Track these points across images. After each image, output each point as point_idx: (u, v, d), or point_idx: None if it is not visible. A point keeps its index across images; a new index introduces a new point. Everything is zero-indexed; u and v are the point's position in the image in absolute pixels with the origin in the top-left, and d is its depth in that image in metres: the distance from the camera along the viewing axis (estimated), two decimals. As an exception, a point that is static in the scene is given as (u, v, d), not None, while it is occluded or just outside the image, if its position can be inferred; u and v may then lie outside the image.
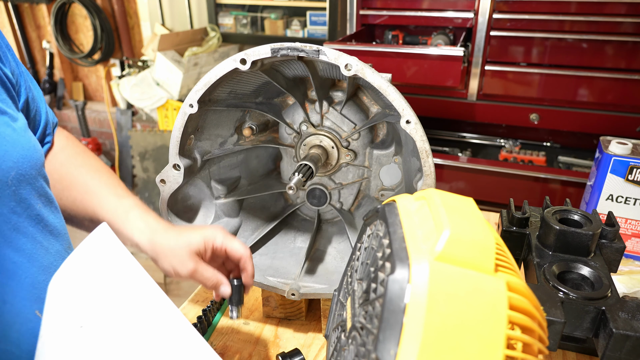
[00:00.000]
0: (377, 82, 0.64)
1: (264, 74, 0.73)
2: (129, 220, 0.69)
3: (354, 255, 0.54)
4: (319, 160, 0.81)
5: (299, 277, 0.82)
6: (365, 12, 2.05)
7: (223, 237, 0.69)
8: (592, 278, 0.66)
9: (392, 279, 0.36)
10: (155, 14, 3.39)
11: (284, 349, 0.80)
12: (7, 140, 0.58)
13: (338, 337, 0.50)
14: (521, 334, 0.37)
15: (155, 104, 3.14)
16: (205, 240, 0.68)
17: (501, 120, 2.03)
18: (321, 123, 0.85)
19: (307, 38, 3.14)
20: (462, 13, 1.89)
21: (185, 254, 0.66)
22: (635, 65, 1.73)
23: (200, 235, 0.68)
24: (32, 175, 0.62)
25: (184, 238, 0.68)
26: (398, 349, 0.33)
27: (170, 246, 0.67)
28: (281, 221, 0.93)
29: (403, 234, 0.41)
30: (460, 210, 0.42)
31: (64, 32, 3.57)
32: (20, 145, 0.60)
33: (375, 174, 0.87)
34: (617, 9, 1.67)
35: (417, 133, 0.65)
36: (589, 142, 2.03)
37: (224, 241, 0.69)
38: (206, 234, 0.69)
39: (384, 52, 1.80)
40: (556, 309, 0.55)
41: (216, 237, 0.69)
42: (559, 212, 0.75)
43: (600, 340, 0.59)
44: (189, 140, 0.78)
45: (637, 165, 0.94)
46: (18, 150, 0.60)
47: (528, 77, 1.87)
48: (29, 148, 0.62)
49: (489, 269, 0.37)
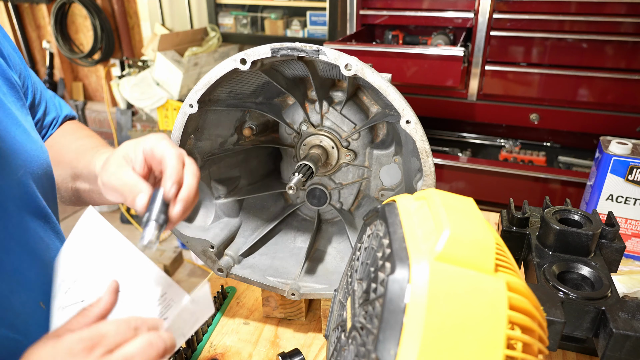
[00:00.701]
0: (377, 82, 0.64)
1: (264, 74, 0.73)
2: (96, 157, 0.67)
3: (354, 255, 0.54)
4: (319, 160, 0.81)
5: (299, 277, 0.82)
6: (365, 12, 2.05)
7: (157, 139, 0.58)
8: (592, 278, 0.66)
9: (392, 279, 0.36)
10: (155, 14, 3.39)
11: (284, 349, 0.80)
12: (16, 140, 0.61)
13: (338, 337, 0.50)
14: (521, 334, 0.37)
15: (155, 104, 3.14)
16: (136, 143, 0.59)
17: (501, 120, 2.03)
18: (321, 123, 0.85)
19: (307, 38, 3.14)
20: (462, 13, 1.89)
21: (114, 160, 0.58)
22: (635, 65, 1.73)
23: (134, 141, 0.60)
24: (38, 175, 0.64)
25: (120, 147, 0.60)
26: (398, 349, 0.33)
27: (107, 159, 0.60)
28: (281, 221, 0.93)
29: (403, 234, 0.41)
30: (460, 210, 0.42)
31: (64, 32, 3.57)
32: (28, 145, 0.63)
33: (375, 174, 0.87)
34: (617, 9, 1.67)
35: (417, 133, 0.65)
36: (589, 142, 2.03)
37: (153, 143, 0.57)
38: (141, 139, 0.59)
39: (384, 52, 1.80)
40: (556, 309, 0.55)
41: (148, 141, 0.58)
42: (559, 212, 0.75)
43: (600, 340, 0.59)
44: (189, 140, 0.78)
45: (637, 165, 0.94)
46: (26, 150, 0.62)
47: (528, 77, 1.87)
48: (36, 149, 0.65)
49: (489, 269, 0.37)
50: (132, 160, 0.57)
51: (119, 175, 0.55)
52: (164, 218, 0.52)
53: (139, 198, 0.53)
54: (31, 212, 0.63)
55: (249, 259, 0.87)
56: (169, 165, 0.54)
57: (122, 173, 0.55)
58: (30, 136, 0.65)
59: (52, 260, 0.65)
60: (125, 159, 0.57)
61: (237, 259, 0.85)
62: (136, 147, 0.58)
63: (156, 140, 0.58)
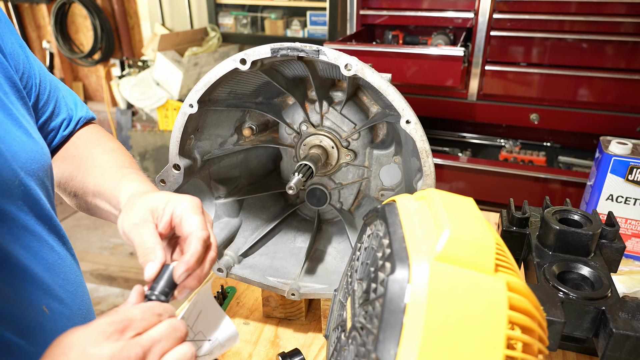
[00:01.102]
0: (377, 82, 0.64)
1: (264, 74, 0.73)
2: (122, 183, 0.65)
3: (354, 255, 0.54)
4: (319, 160, 0.81)
5: (299, 277, 0.82)
6: (365, 12, 2.05)
7: (190, 207, 0.55)
8: (592, 278, 0.66)
9: (392, 279, 0.36)
10: (155, 14, 3.39)
11: (284, 349, 0.80)
12: (17, 141, 0.60)
13: (338, 337, 0.50)
14: (521, 334, 0.37)
15: (155, 104, 3.14)
16: (167, 201, 0.56)
17: (501, 120, 2.03)
18: (321, 123, 0.85)
19: (307, 38, 3.15)
20: (462, 13, 1.89)
21: (139, 211, 0.56)
22: (635, 65, 1.73)
23: (167, 196, 0.57)
24: (40, 177, 0.64)
25: (151, 195, 0.58)
26: (398, 349, 0.33)
27: (133, 200, 0.59)
28: (281, 221, 0.93)
29: (403, 234, 0.41)
30: (460, 210, 0.42)
31: (64, 32, 3.57)
32: (29, 146, 0.62)
33: (375, 174, 0.87)
34: (617, 9, 1.67)
35: (417, 133, 0.65)
36: (589, 142, 2.03)
37: (184, 211, 0.55)
38: (175, 197, 0.57)
39: (384, 52, 1.80)
40: (556, 309, 0.55)
41: (180, 204, 0.56)
42: (559, 212, 0.75)
43: (600, 340, 0.59)
44: (189, 140, 0.78)
45: (637, 165, 0.94)
46: (27, 152, 0.62)
47: (528, 77, 1.87)
48: (37, 149, 0.64)
49: (489, 269, 0.37)
50: (159, 218, 0.56)
51: (140, 230, 0.54)
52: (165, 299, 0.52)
53: (149, 267, 0.52)
54: (34, 214, 0.62)
55: (249, 259, 0.87)
56: (192, 250, 0.53)
57: (143, 229, 0.54)
58: (32, 137, 0.64)
59: (56, 262, 0.65)
60: (152, 213, 0.56)
61: (237, 259, 0.85)
62: (167, 206, 0.56)
63: (188, 211, 0.55)
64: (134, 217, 0.55)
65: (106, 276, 2.73)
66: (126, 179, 0.66)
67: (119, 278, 2.71)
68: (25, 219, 0.61)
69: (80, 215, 3.39)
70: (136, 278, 2.68)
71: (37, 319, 0.61)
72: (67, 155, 0.76)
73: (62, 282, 0.66)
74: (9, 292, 0.58)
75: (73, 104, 0.80)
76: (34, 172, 0.62)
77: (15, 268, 0.59)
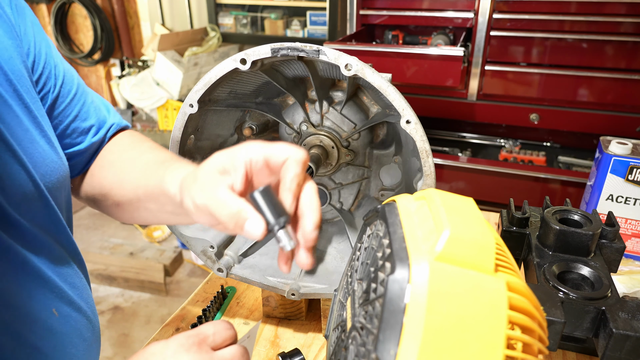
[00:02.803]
0: (377, 82, 0.64)
1: (264, 74, 0.73)
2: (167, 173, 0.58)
3: (354, 255, 0.54)
4: (319, 160, 0.81)
5: (299, 277, 0.82)
6: (365, 12, 2.05)
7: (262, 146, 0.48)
8: (592, 278, 0.66)
9: (392, 279, 0.36)
10: (155, 14, 3.39)
11: (284, 349, 0.80)
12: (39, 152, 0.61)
13: (338, 337, 0.50)
14: (521, 334, 0.37)
15: (155, 104, 3.14)
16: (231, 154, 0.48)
17: (501, 120, 2.03)
18: (321, 123, 0.85)
19: (307, 38, 3.15)
20: (462, 13, 1.89)
21: (206, 176, 0.48)
22: (635, 65, 1.73)
23: (230, 152, 0.49)
24: (57, 187, 0.64)
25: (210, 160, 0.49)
26: (398, 349, 0.33)
27: (192, 173, 0.51)
28: (281, 221, 0.93)
29: (403, 234, 0.41)
30: (460, 210, 0.42)
31: (64, 32, 3.57)
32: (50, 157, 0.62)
33: (375, 174, 0.87)
34: (617, 9, 1.67)
35: (417, 133, 0.65)
36: (589, 142, 2.03)
37: (262, 149, 0.47)
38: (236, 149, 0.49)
39: (384, 52, 1.80)
40: (556, 309, 0.55)
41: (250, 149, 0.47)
42: (559, 212, 0.75)
43: (600, 340, 0.59)
44: (189, 140, 0.78)
45: (637, 165, 0.94)
46: (48, 163, 0.62)
47: (528, 77, 1.87)
48: (57, 161, 0.64)
49: (489, 269, 0.37)
50: (231, 175, 0.47)
51: (218, 197, 0.45)
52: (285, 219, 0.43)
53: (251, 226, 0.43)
54: (48, 225, 0.63)
55: (249, 259, 0.87)
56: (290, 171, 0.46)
57: (220, 195, 0.45)
58: (54, 146, 0.63)
59: (64, 268, 0.67)
60: (221, 172, 0.47)
61: (237, 259, 0.85)
62: (234, 157, 0.48)
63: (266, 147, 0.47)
64: (203, 187, 0.47)
65: (106, 276, 2.73)
66: (172, 169, 0.58)
67: (119, 278, 2.71)
68: (39, 230, 0.62)
69: (80, 215, 3.39)
70: (136, 278, 2.68)
71: (48, 321, 0.62)
72: (104, 163, 0.73)
73: (70, 287, 0.68)
74: (23, 296, 0.59)
75: (106, 110, 0.76)
76: (53, 184, 0.62)
77: (28, 275, 0.60)
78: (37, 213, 0.61)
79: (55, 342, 0.63)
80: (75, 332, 0.68)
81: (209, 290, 0.99)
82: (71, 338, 0.67)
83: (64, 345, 0.65)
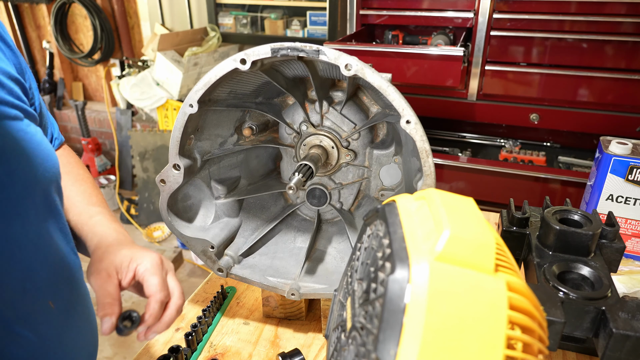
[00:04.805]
0: (377, 82, 0.64)
1: (264, 74, 0.73)
2: (89, 225, 0.73)
3: (354, 255, 0.54)
4: (319, 160, 0.81)
5: (299, 277, 0.82)
6: (365, 12, 2.05)
7: (151, 266, 0.65)
8: (592, 278, 0.66)
9: (392, 279, 0.36)
10: (155, 14, 3.39)
11: (284, 349, 0.80)
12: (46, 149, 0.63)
13: (338, 337, 0.50)
14: (521, 334, 0.36)
15: (155, 104, 3.14)
16: (131, 259, 0.65)
17: (501, 120, 2.03)
18: (321, 123, 0.85)
19: (307, 38, 3.14)
20: (462, 13, 1.89)
21: (106, 264, 0.64)
22: (635, 65, 1.72)
23: (131, 254, 0.66)
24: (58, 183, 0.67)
25: (120, 251, 0.66)
26: (398, 349, 0.33)
27: (101, 252, 0.67)
28: (281, 221, 0.93)
29: (403, 234, 0.41)
30: (460, 210, 0.42)
31: (64, 32, 3.57)
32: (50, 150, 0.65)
33: (375, 174, 0.87)
34: (617, 9, 1.67)
35: (417, 133, 0.65)
36: (589, 142, 2.03)
37: (146, 272, 0.64)
38: (138, 255, 0.66)
39: (384, 52, 1.80)
40: (556, 309, 0.55)
41: (142, 263, 0.65)
42: (559, 212, 0.75)
43: (600, 340, 0.59)
44: (189, 140, 0.78)
45: (637, 165, 0.94)
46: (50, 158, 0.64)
47: (528, 77, 1.87)
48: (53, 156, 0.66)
49: (489, 269, 0.37)
50: (123, 274, 0.65)
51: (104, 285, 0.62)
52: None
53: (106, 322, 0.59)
54: (50, 219, 0.65)
55: (249, 259, 0.87)
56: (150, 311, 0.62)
57: (107, 284, 0.62)
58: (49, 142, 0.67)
59: (61, 260, 0.68)
60: (117, 270, 0.65)
61: (237, 259, 0.85)
62: (130, 264, 0.65)
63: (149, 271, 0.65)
64: (100, 271, 0.64)
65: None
66: (93, 223, 0.74)
67: (119, 278, 2.71)
68: (42, 224, 0.63)
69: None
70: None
71: (44, 313, 0.64)
72: None
73: (67, 281, 0.69)
74: (17, 288, 0.60)
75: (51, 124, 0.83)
76: (55, 178, 0.65)
77: (25, 267, 0.61)
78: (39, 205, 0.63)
79: (52, 333, 0.64)
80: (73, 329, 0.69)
81: (209, 290, 0.99)
82: (68, 333, 0.67)
83: (60, 340, 0.66)
